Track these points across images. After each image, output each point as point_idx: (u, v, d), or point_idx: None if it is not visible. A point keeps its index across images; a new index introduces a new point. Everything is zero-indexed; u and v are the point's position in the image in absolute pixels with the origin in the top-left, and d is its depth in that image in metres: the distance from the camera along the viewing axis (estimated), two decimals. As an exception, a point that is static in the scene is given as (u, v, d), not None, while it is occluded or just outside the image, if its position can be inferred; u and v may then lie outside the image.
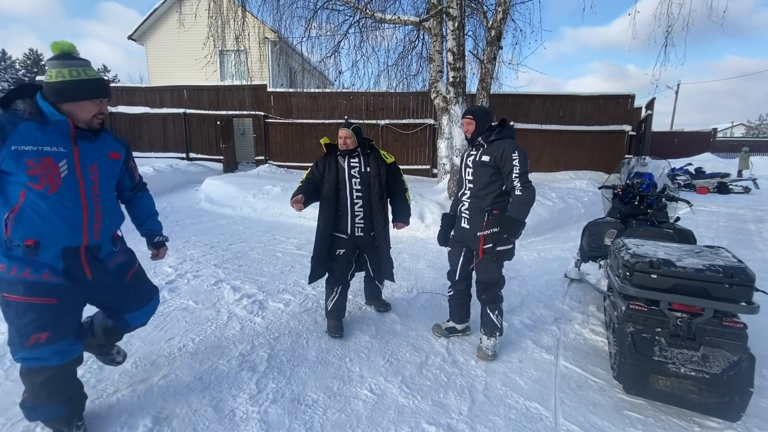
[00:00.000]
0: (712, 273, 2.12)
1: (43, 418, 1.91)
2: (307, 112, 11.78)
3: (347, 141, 2.92)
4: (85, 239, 1.79)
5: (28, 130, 1.63)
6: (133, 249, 2.21)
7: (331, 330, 3.04)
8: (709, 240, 6.00)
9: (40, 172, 1.64)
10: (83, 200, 1.76)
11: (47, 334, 1.73)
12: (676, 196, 3.81)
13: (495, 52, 7.67)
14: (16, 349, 1.75)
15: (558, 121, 11.21)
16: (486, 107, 2.93)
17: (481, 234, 2.66)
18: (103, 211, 1.85)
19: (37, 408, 1.87)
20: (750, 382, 2.02)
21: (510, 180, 2.53)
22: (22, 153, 1.61)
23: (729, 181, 11.90)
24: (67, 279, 1.77)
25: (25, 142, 1.61)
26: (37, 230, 1.69)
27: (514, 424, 2.18)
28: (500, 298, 2.80)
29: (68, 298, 1.79)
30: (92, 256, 1.86)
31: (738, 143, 24.22)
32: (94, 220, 1.80)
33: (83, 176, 1.75)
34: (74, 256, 1.79)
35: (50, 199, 1.68)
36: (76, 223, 1.75)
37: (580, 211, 7.48)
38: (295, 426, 2.11)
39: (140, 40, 15.55)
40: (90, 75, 1.74)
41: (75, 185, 1.73)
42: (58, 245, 1.74)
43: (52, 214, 1.69)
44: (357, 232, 3.00)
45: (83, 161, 1.75)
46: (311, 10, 8.40)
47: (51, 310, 1.73)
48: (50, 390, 1.83)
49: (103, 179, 1.84)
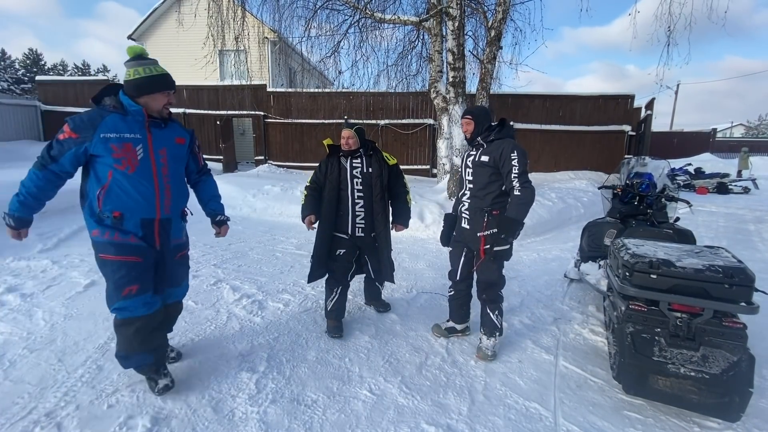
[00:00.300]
0: (712, 273, 2.12)
1: (136, 365, 2.24)
2: (307, 112, 11.78)
3: (350, 141, 2.93)
4: (158, 213, 2.14)
5: (113, 121, 2.00)
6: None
7: (330, 330, 3.05)
8: (709, 240, 6.00)
9: (122, 155, 2.00)
10: (155, 179, 2.11)
11: (137, 286, 2.09)
12: (675, 197, 3.81)
13: (495, 52, 7.67)
14: (112, 301, 2.11)
15: (558, 121, 11.22)
16: (485, 107, 2.92)
17: (482, 234, 2.65)
18: (172, 189, 2.19)
19: (130, 357, 2.19)
20: (750, 382, 2.02)
21: (509, 180, 2.53)
22: (108, 139, 1.97)
23: (728, 181, 11.91)
24: (147, 243, 2.14)
25: (110, 131, 1.98)
26: (121, 204, 2.05)
27: (514, 424, 2.18)
28: (500, 298, 2.80)
29: (148, 258, 2.15)
30: (163, 230, 2.20)
31: (737, 143, 24.23)
32: (164, 197, 2.15)
33: (155, 158, 2.10)
34: (149, 227, 2.14)
35: (130, 177, 2.03)
36: (151, 199, 2.10)
37: (579, 211, 7.48)
38: (295, 426, 2.10)
39: (140, 39, 15.52)
40: (159, 71, 2.10)
41: (149, 166, 2.08)
42: (137, 216, 2.09)
43: (133, 191, 2.05)
44: (357, 233, 3.00)
45: (155, 145, 2.10)
46: (311, 10, 8.41)
47: (138, 266, 2.10)
48: (141, 338, 2.14)
49: (171, 161, 2.18)
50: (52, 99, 12.30)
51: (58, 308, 3.23)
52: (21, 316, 3.08)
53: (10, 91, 29.99)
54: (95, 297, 3.48)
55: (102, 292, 3.52)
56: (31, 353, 2.61)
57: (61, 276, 3.88)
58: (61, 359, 2.57)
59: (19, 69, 34.90)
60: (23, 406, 2.14)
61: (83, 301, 3.38)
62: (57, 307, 3.25)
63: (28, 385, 2.31)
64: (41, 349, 2.67)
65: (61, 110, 12.14)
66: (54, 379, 2.37)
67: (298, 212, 3.13)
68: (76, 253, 4.53)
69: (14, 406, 2.13)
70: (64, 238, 5.01)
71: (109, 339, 2.82)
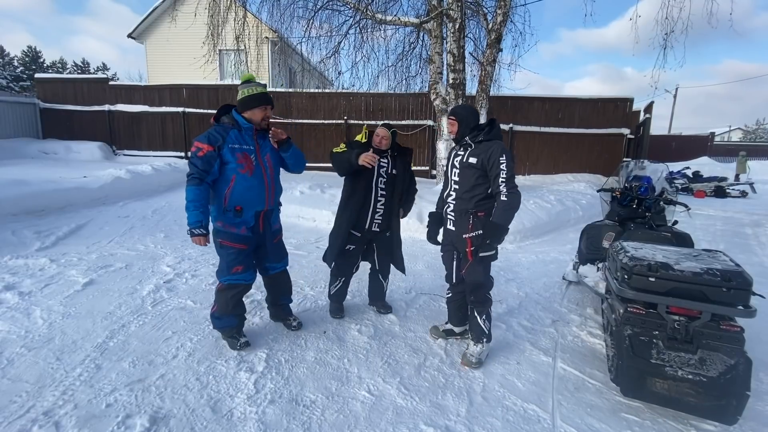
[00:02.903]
0: (710, 276, 2.13)
1: (225, 325, 2.79)
2: (307, 113, 11.78)
3: (383, 141, 3.02)
4: (267, 206, 2.74)
5: (234, 135, 2.58)
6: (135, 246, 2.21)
7: (332, 311, 3.34)
8: (707, 243, 6.02)
9: (243, 161, 2.57)
10: (265, 179, 2.69)
11: (242, 267, 2.71)
12: (674, 200, 3.83)
13: (495, 54, 7.69)
14: (224, 275, 2.69)
15: (557, 123, 11.23)
16: (471, 106, 2.89)
17: (467, 236, 2.64)
18: (275, 186, 2.80)
19: (222, 318, 2.76)
20: (747, 385, 2.03)
21: (496, 184, 2.50)
22: (234, 149, 2.55)
23: (726, 185, 11.96)
24: (252, 233, 2.71)
25: (234, 142, 2.56)
26: (243, 199, 2.61)
27: (512, 425, 2.18)
28: (488, 300, 2.74)
29: (251, 245, 2.74)
30: (266, 218, 2.79)
31: (735, 147, 24.31)
32: (270, 193, 2.74)
33: (263, 163, 2.68)
34: (258, 217, 2.72)
35: (249, 179, 2.60)
36: (263, 195, 2.69)
37: (578, 214, 7.49)
38: (293, 426, 2.10)
39: (140, 38, 15.52)
40: (258, 91, 2.62)
41: (260, 170, 2.66)
42: (253, 209, 2.67)
43: (251, 189, 2.62)
44: (374, 227, 3.12)
45: (263, 153, 2.69)
46: (311, 11, 8.41)
47: (243, 252, 2.70)
48: (235, 302, 2.74)
49: (273, 164, 2.76)
50: (51, 97, 12.25)
51: (56, 307, 3.23)
52: (19, 315, 3.07)
53: (8, 89, 29.89)
54: (93, 296, 3.47)
55: (101, 292, 3.55)
56: (29, 352, 2.61)
57: (59, 274, 3.87)
58: (59, 358, 2.56)
59: (17, 66, 34.80)
60: (21, 404, 2.13)
61: (81, 300, 3.37)
62: (55, 306, 3.24)
63: (26, 383, 2.30)
64: (39, 347, 2.66)
65: (60, 108, 12.12)
66: (52, 377, 2.36)
67: (298, 212, 3.17)
68: (74, 251, 4.51)
69: (12, 404, 2.13)
70: (63, 236, 5.00)
71: (108, 338, 2.82)
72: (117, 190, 7.41)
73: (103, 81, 12.46)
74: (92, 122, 12.15)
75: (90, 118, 12.14)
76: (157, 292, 3.62)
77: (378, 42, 9.50)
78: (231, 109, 2.65)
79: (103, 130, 12.17)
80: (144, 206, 6.84)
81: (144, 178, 8.24)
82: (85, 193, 6.74)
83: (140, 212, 6.46)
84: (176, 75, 13.40)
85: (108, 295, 3.50)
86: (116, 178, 7.65)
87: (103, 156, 11.62)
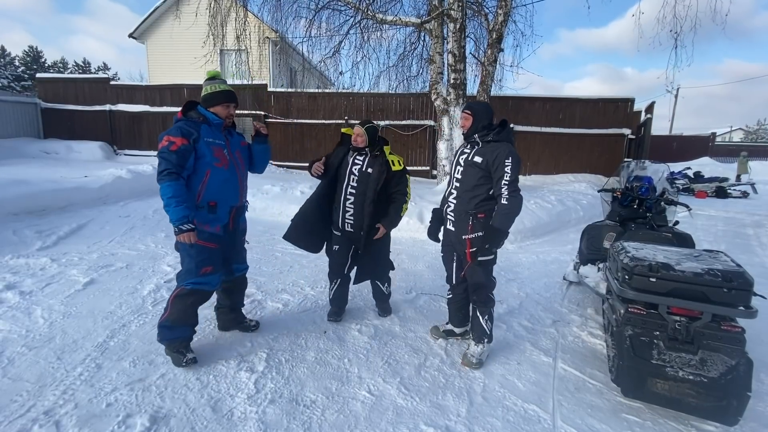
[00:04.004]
0: (711, 277, 2.12)
1: (177, 336, 2.55)
2: (307, 113, 11.78)
3: (358, 138, 3.00)
4: (240, 201, 2.69)
5: (205, 129, 2.49)
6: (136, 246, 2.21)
7: (329, 314, 3.30)
8: (708, 244, 6.01)
9: (218, 155, 2.50)
10: (238, 174, 2.64)
11: (212, 268, 2.55)
12: (675, 200, 3.82)
13: (496, 54, 7.68)
14: (191, 276, 2.50)
15: (558, 123, 11.23)
16: (487, 104, 2.87)
17: (467, 237, 2.63)
18: (245, 181, 2.75)
19: (175, 328, 2.53)
20: (748, 386, 2.03)
21: (498, 186, 2.47)
22: (209, 143, 2.47)
23: (727, 185, 11.94)
24: (224, 232, 2.61)
25: (208, 136, 2.47)
26: (218, 194, 2.52)
27: (512, 426, 2.18)
28: (491, 300, 2.74)
29: (222, 245, 2.61)
30: (237, 215, 2.71)
31: (736, 148, 24.27)
32: (243, 188, 2.71)
33: (234, 158, 2.62)
34: (231, 213, 2.63)
35: (224, 173, 2.53)
36: (236, 190, 2.63)
37: (579, 214, 7.49)
38: (293, 426, 2.10)
39: (141, 38, 15.53)
40: (222, 88, 2.55)
41: (233, 164, 2.59)
42: (228, 205, 2.60)
43: (226, 184, 2.56)
44: (347, 228, 3.06)
45: (232, 148, 2.63)
46: (312, 11, 8.42)
47: (215, 252, 2.56)
48: (192, 312, 2.57)
49: (243, 160, 2.75)
50: (52, 96, 12.28)
51: (57, 306, 3.23)
52: (20, 314, 3.07)
53: (10, 88, 29.95)
54: (94, 295, 3.47)
55: (101, 291, 3.55)
56: (30, 351, 2.61)
57: (60, 274, 3.87)
58: (60, 357, 2.57)
59: (19, 66, 34.86)
60: (22, 404, 2.13)
61: (82, 299, 3.38)
62: (56, 305, 3.24)
63: (27, 383, 2.31)
64: (40, 347, 2.67)
65: (61, 108, 12.14)
66: (53, 377, 2.37)
67: (296, 212, 3.15)
68: (75, 251, 4.52)
69: (13, 403, 2.13)
70: (64, 236, 5.00)
71: (108, 337, 2.82)
72: (118, 189, 7.42)
73: (104, 81, 12.49)
74: (93, 122, 12.18)
75: (91, 117, 12.17)
76: (157, 291, 3.62)
77: (379, 42, 9.51)
78: (196, 105, 2.55)
79: (104, 129, 12.20)
80: (145, 206, 6.84)
81: (145, 177, 8.25)
82: (85, 192, 6.75)
83: (141, 212, 6.46)
84: (177, 75, 13.42)
85: (109, 295, 3.50)
86: (117, 177, 7.65)
87: (104, 156, 11.64)
